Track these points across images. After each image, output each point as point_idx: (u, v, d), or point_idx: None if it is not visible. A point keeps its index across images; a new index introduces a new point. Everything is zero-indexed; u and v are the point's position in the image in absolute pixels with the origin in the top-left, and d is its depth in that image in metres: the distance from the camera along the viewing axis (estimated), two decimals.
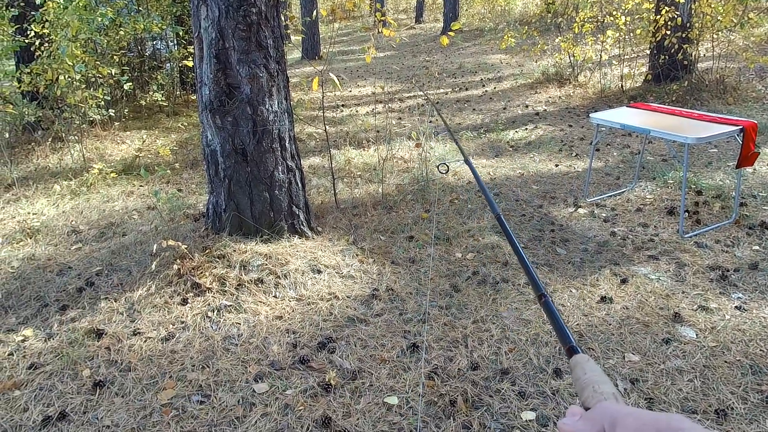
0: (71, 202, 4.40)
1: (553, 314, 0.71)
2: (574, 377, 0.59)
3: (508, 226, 1.00)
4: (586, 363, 0.59)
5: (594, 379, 0.55)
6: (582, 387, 0.56)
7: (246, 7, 2.98)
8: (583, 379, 0.56)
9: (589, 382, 0.55)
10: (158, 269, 2.98)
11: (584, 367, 0.58)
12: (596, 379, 0.55)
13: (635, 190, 4.14)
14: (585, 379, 0.56)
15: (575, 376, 0.59)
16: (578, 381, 0.57)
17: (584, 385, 0.55)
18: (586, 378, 0.56)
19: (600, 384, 0.54)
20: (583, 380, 0.56)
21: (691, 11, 6.60)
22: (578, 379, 0.57)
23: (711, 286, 2.82)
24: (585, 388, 0.55)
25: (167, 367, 2.33)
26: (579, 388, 0.56)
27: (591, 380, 0.55)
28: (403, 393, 2.16)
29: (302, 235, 3.38)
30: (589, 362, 0.59)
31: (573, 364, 0.60)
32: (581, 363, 0.59)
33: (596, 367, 0.58)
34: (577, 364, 0.60)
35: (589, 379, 0.56)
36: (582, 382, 0.56)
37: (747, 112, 5.78)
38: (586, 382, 0.55)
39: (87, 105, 5.38)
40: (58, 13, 4.98)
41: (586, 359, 0.60)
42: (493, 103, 7.50)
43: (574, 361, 0.61)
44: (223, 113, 3.11)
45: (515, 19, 14.30)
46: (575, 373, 0.59)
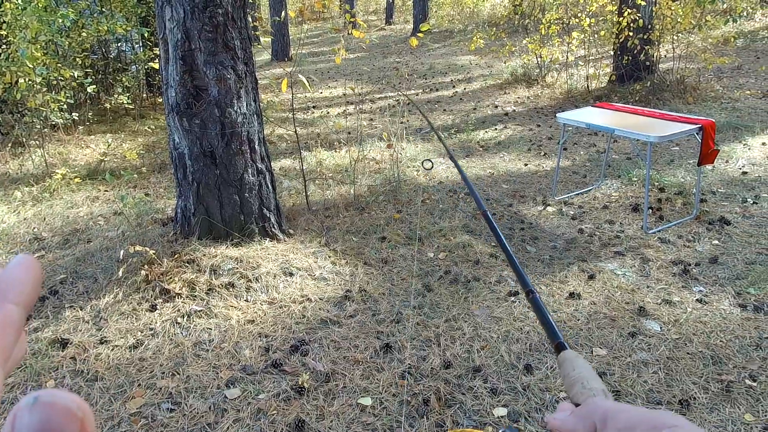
0: (33, 208, 4.27)
1: (540, 310, 0.71)
2: (563, 373, 0.58)
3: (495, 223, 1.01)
4: (575, 359, 0.59)
5: (583, 375, 0.55)
6: (571, 383, 0.56)
7: (212, 8, 2.95)
8: (571, 376, 0.56)
9: (578, 379, 0.55)
10: (125, 276, 2.92)
11: (573, 363, 0.58)
12: (585, 375, 0.55)
13: (601, 187, 4.24)
14: (574, 376, 0.56)
15: (564, 372, 0.58)
16: (567, 377, 0.57)
17: (573, 382, 0.55)
18: (575, 374, 0.56)
19: (589, 380, 0.54)
20: (572, 376, 0.56)
21: (652, 13, 6.79)
22: (567, 375, 0.57)
23: (674, 280, 2.90)
24: (574, 384, 0.55)
25: (136, 376, 2.29)
26: (568, 384, 0.56)
27: (580, 376, 0.55)
28: (376, 394, 2.16)
29: (274, 238, 3.35)
30: (577, 358, 0.59)
31: (561, 360, 0.60)
32: (570, 359, 0.59)
33: (585, 363, 0.58)
34: (565, 360, 0.60)
35: (578, 376, 0.56)
36: (571, 379, 0.56)
37: (706, 111, 5.98)
38: (575, 378, 0.55)
39: (49, 109, 5.22)
40: (16, 14, 4.83)
41: (574, 355, 0.60)
42: (463, 104, 7.58)
43: (562, 358, 0.61)
44: (191, 116, 3.07)
45: (484, 21, 14.48)
46: (564, 370, 0.59)
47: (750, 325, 2.49)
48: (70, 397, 0.26)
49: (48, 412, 0.25)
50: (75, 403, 0.26)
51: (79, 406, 0.26)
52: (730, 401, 2.07)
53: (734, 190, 3.95)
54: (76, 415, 0.25)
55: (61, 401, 0.25)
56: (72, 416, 0.25)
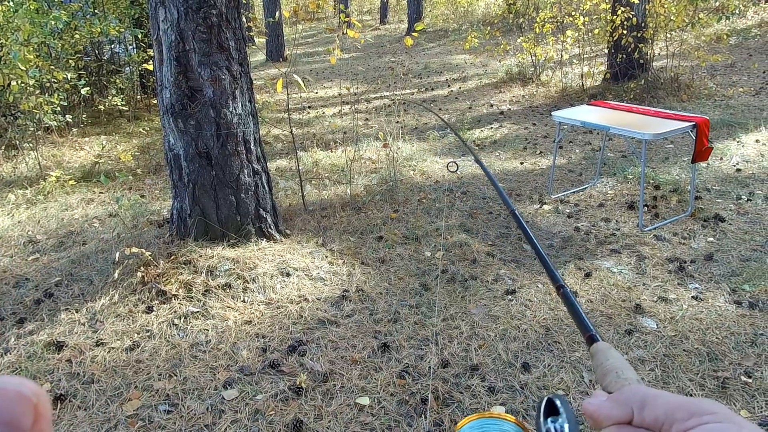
0: (27, 211, 4.25)
1: (572, 305, 0.72)
2: (596, 363, 0.59)
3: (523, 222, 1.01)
4: (608, 350, 0.60)
5: (617, 365, 0.56)
6: (604, 373, 0.56)
7: (206, 8, 2.94)
8: (605, 365, 0.57)
9: (612, 368, 0.56)
10: (121, 278, 2.91)
11: (606, 354, 0.59)
12: (619, 365, 0.56)
13: (597, 185, 4.25)
14: (607, 365, 0.57)
15: (597, 362, 0.59)
16: (600, 367, 0.58)
17: (607, 371, 0.56)
18: (609, 364, 0.57)
19: (624, 370, 0.55)
20: (606, 366, 0.57)
21: (646, 11, 6.82)
22: (600, 365, 0.58)
23: (669, 277, 2.91)
24: (607, 374, 0.56)
25: (132, 378, 2.28)
26: (601, 374, 0.57)
27: (614, 366, 0.56)
28: (374, 393, 2.16)
29: (270, 239, 3.34)
30: (610, 350, 0.60)
31: (594, 352, 0.62)
32: (603, 350, 0.61)
33: (618, 355, 0.59)
34: (598, 351, 0.61)
35: (612, 365, 0.56)
36: (604, 368, 0.57)
37: (700, 108, 6.01)
38: (609, 368, 0.56)
39: (42, 111, 5.20)
40: (8, 17, 4.80)
41: (607, 347, 0.61)
42: (458, 103, 7.58)
43: (594, 349, 0.62)
44: (186, 117, 3.06)
45: (478, 20, 14.50)
46: (597, 360, 0.60)
47: (745, 322, 2.50)
48: (22, 382, 0.25)
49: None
50: (27, 387, 0.25)
51: (32, 391, 0.25)
52: (726, 398, 2.08)
53: (728, 187, 3.97)
54: (30, 399, 0.25)
55: (11, 386, 0.25)
56: (25, 400, 0.25)
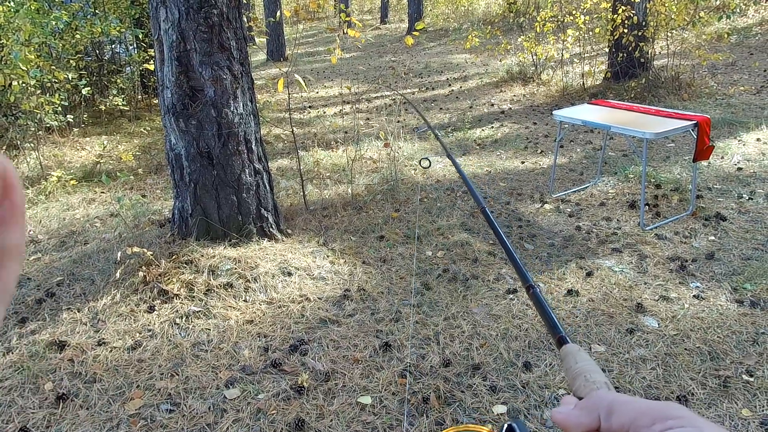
0: (29, 211, 4.25)
1: (542, 305, 0.71)
2: (565, 367, 0.58)
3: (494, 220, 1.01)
4: (577, 353, 0.59)
5: (586, 368, 0.55)
6: (573, 376, 0.55)
7: (207, 8, 2.94)
8: (574, 369, 0.56)
9: (581, 372, 0.55)
10: (123, 277, 2.91)
11: (575, 357, 0.58)
12: (588, 368, 0.55)
13: (598, 185, 4.25)
14: (576, 369, 0.56)
15: (566, 365, 0.58)
16: (569, 370, 0.57)
17: (576, 375, 0.55)
18: (578, 367, 0.56)
19: (592, 373, 0.54)
20: (575, 369, 0.56)
21: (646, 10, 6.81)
22: (569, 368, 0.57)
23: (671, 276, 2.91)
24: (577, 377, 0.55)
25: (134, 377, 2.28)
26: (570, 377, 0.56)
27: (583, 369, 0.55)
28: (376, 392, 2.16)
29: (272, 238, 3.35)
30: (579, 352, 0.59)
31: (564, 354, 0.60)
32: (572, 353, 0.59)
33: (587, 357, 0.58)
34: (567, 353, 0.60)
35: (581, 369, 0.55)
36: (573, 372, 0.56)
37: (701, 107, 6.00)
38: (578, 371, 0.55)
39: (43, 111, 5.20)
40: (8, 17, 4.80)
41: (576, 349, 0.60)
42: (459, 102, 7.58)
43: (564, 351, 0.61)
44: (187, 116, 3.06)
45: (479, 19, 14.49)
46: (566, 363, 0.59)
47: (747, 321, 2.50)
48: None
49: None
50: None
51: None
52: (727, 396, 2.08)
53: (730, 186, 3.97)
54: None
55: None
56: None
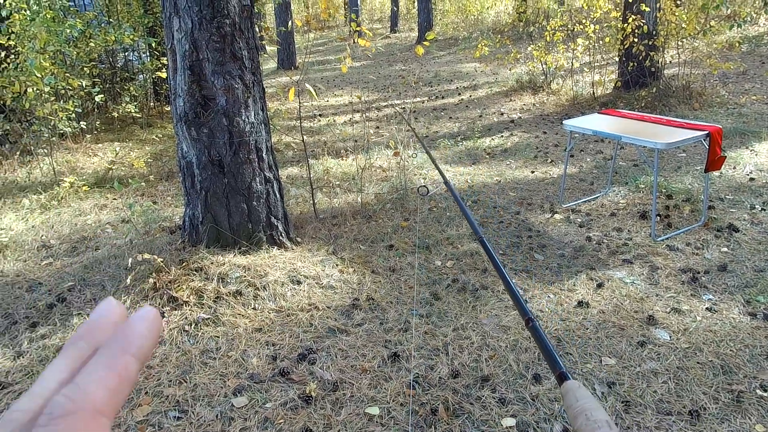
0: (41, 216, 4.30)
1: (541, 339, 0.70)
2: (566, 404, 0.58)
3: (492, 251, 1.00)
4: (578, 390, 0.59)
5: (587, 407, 0.54)
6: (575, 415, 0.55)
7: (220, 18, 2.97)
8: (575, 407, 0.56)
9: (583, 410, 0.54)
10: (133, 283, 2.93)
11: (576, 394, 0.58)
12: (588, 406, 0.55)
13: (609, 195, 4.22)
14: (578, 407, 0.55)
15: (567, 403, 0.58)
16: (570, 408, 0.56)
17: (577, 413, 0.55)
18: (579, 405, 0.55)
19: (593, 411, 0.54)
20: (576, 408, 0.55)
21: (657, 19, 6.79)
22: (570, 406, 0.57)
23: (683, 288, 2.89)
24: (578, 416, 0.54)
25: (143, 383, 2.29)
26: (572, 416, 0.55)
27: (584, 407, 0.54)
28: (384, 403, 2.15)
29: (281, 246, 3.36)
30: (580, 389, 0.59)
31: (564, 391, 0.60)
32: (573, 389, 0.59)
33: (587, 394, 0.57)
34: (568, 391, 0.59)
35: (582, 407, 0.55)
36: (575, 410, 0.55)
37: (712, 117, 5.96)
38: (579, 409, 0.55)
39: (57, 117, 5.27)
40: (24, 25, 4.88)
41: (577, 386, 0.60)
42: (469, 111, 7.58)
43: (565, 388, 0.60)
44: (199, 125, 3.08)
45: (488, 28, 14.52)
46: (567, 401, 0.58)
47: (760, 335, 2.47)
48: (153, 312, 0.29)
49: None
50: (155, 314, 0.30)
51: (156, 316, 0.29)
52: (740, 412, 2.05)
53: (742, 197, 3.93)
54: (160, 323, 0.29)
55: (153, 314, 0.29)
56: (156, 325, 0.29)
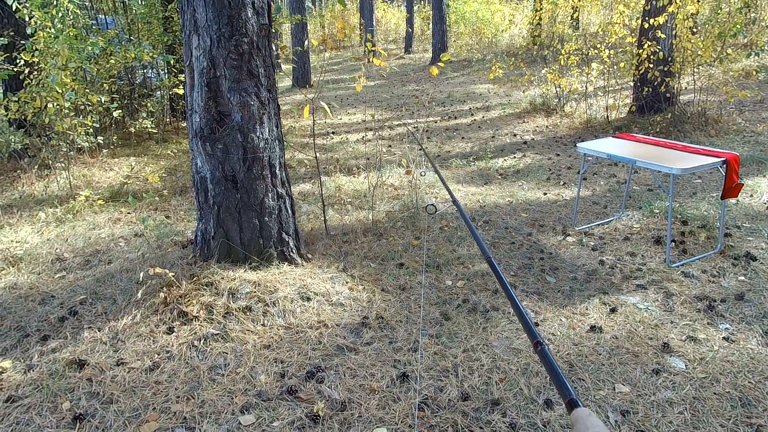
0: (56, 229, 4.35)
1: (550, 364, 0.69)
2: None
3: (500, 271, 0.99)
4: (588, 418, 0.58)
5: None
6: None
7: (238, 36, 3.02)
8: None
9: None
10: (144, 297, 2.94)
11: (586, 423, 0.57)
12: None
13: (622, 219, 4.18)
14: None
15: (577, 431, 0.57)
16: None
17: None
18: None
19: None
20: None
21: (672, 46, 6.80)
22: None
23: (699, 316, 2.83)
24: None
25: (151, 399, 2.27)
26: None
27: None
28: (392, 424, 2.12)
29: (292, 262, 3.35)
30: (591, 417, 0.58)
31: (574, 419, 0.59)
32: (583, 418, 0.58)
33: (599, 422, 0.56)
34: (578, 419, 0.58)
35: None
36: None
37: (729, 144, 5.91)
38: None
39: (75, 132, 5.36)
40: (48, 42, 5.00)
41: (587, 414, 0.59)
42: (481, 132, 7.60)
43: (575, 416, 0.59)
44: (214, 141, 3.12)
45: (502, 51, 14.63)
46: (577, 428, 0.57)
47: None
48: None
49: None
50: None
51: None
52: None
53: (759, 225, 3.87)
54: None
55: None
56: None
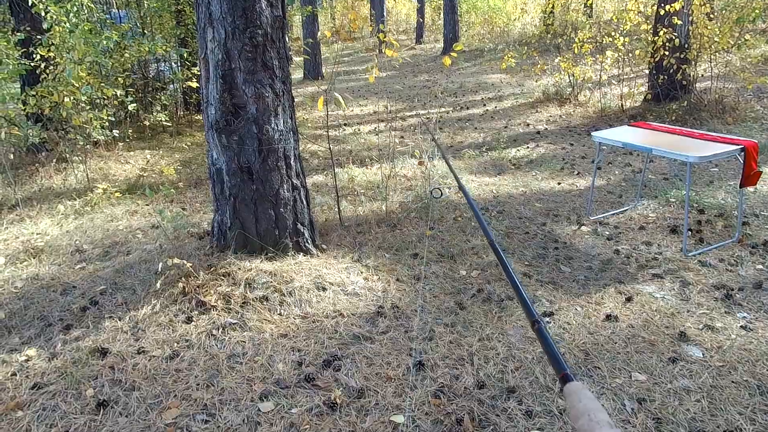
0: (75, 221, 4.42)
1: (546, 341, 0.70)
2: (569, 404, 0.58)
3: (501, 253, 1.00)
4: (581, 391, 0.58)
5: (589, 407, 0.54)
6: (577, 415, 0.55)
7: (252, 29, 3.04)
8: (578, 408, 0.55)
9: (585, 410, 0.54)
10: (163, 288, 2.98)
11: (579, 395, 0.58)
12: (591, 407, 0.54)
13: (638, 208, 4.15)
14: (580, 407, 0.55)
15: (570, 403, 0.58)
16: (573, 409, 0.56)
17: (579, 414, 0.54)
18: (581, 406, 0.55)
19: (596, 412, 0.53)
20: (578, 408, 0.55)
21: (689, 32, 6.69)
22: (573, 407, 0.56)
23: (716, 305, 2.81)
24: (580, 416, 0.54)
25: (171, 386, 2.32)
26: (573, 416, 0.55)
27: (587, 408, 0.54)
28: (409, 411, 2.14)
29: (307, 253, 3.38)
30: (583, 390, 0.59)
31: (568, 392, 0.60)
32: (576, 391, 0.59)
33: (591, 395, 0.57)
34: (571, 392, 0.59)
35: (584, 407, 0.55)
36: (577, 411, 0.55)
37: (746, 131, 5.83)
38: (581, 410, 0.54)
39: (91, 126, 5.43)
40: (64, 37, 5.05)
41: (580, 387, 0.60)
42: (494, 122, 7.56)
43: (568, 390, 0.60)
44: (229, 132, 3.15)
45: (514, 40, 14.49)
46: (570, 401, 0.58)
47: None
48: None
49: None
50: None
51: None
52: None
53: None
54: None
55: None
56: None
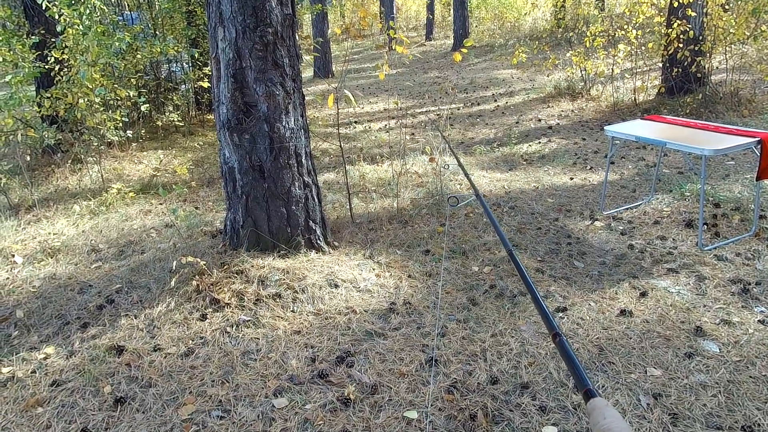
0: (90, 221, 4.48)
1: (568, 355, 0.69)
2: (592, 422, 0.57)
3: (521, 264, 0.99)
4: (605, 408, 0.58)
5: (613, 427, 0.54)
6: None
7: (262, 27, 3.05)
8: (602, 425, 0.55)
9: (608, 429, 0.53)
10: (177, 285, 3.01)
11: (603, 413, 0.57)
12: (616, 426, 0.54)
13: (652, 202, 4.11)
14: (605, 425, 0.54)
15: (593, 420, 0.57)
16: (596, 426, 0.55)
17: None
18: (606, 423, 0.54)
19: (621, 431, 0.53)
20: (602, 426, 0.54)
21: (703, 24, 6.60)
22: (596, 424, 0.56)
23: (733, 299, 2.78)
24: None
25: (187, 383, 2.35)
26: None
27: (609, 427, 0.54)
28: (422, 407, 2.14)
29: (319, 250, 3.40)
30: (607, 407, 0.58)
31: (591, 409, 0.59)
32: (600, 408, 0.58)
33: (615, 413, 0.56)
34: (595, 408, 0.58)
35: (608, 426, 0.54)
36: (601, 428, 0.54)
37: (763, 124, 5.73)
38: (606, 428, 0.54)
39: (105, 127, 5.49)
40: (77, 40, 5.11)
41: (604, 404, 0.59)
42: (505, 118, 7.52)
43: (591, 406, 0.59)
44: (241, 131, 3.16)
45: (525, 35, 14.39)
46: (593, 418, 0.57)
47: None
48: None
49: None
50: None
51: None
52: None
53: None
54: None
55: None
56: None
